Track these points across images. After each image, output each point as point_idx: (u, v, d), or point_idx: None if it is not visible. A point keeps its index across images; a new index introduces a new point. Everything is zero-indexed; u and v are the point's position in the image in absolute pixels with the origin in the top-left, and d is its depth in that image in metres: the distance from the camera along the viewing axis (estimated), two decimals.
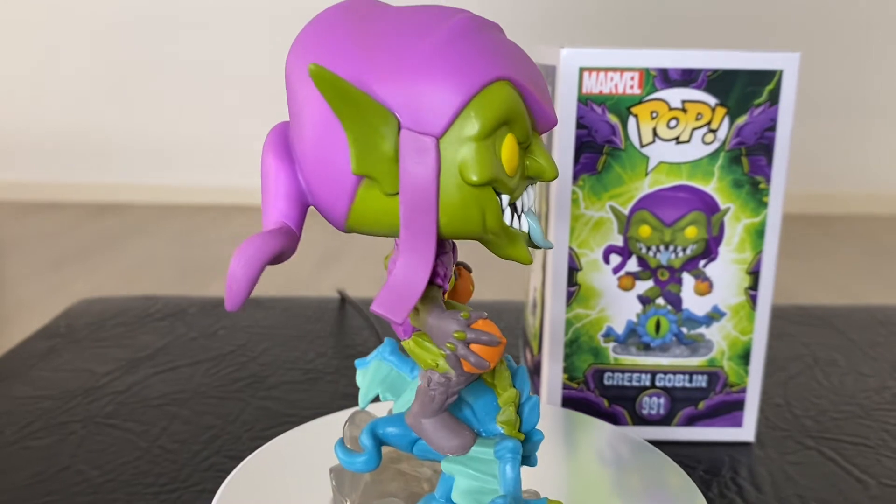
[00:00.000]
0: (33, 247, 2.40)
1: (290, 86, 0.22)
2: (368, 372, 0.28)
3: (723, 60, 0.32)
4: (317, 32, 0.22)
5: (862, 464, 0.35)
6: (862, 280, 2.11)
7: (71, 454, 0.35)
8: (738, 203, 0.34)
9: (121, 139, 3.03)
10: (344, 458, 0.25)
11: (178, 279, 2.06)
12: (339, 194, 0.22)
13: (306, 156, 0.22)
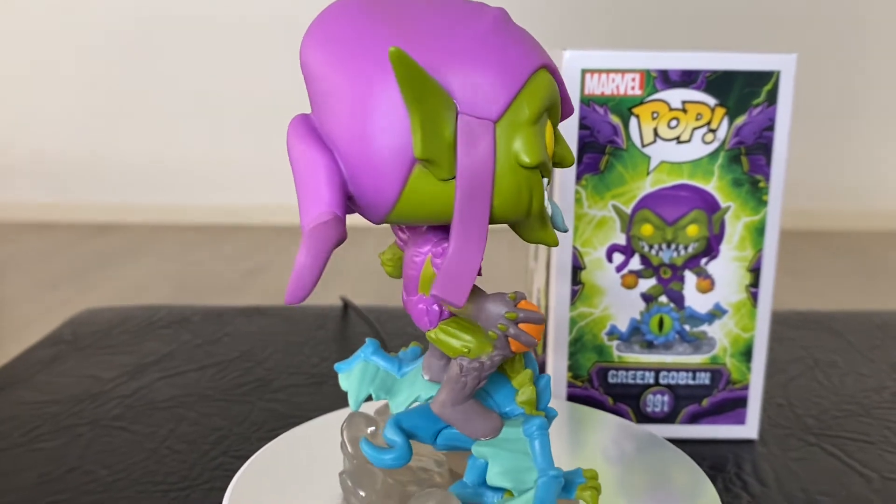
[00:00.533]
0: (29, 266, 2.39)
1: (323, 74, 0.22)
2: (353, 374, 0.28)
3: (721, 62, 0.33)
4: (341, 20, 0.22)
5: (864, 459, 0.35)
6: (858, 294, 2.12)
7: (79, 455, 0.35)
8: (738, 201, 0.34)
9: (116, 160, 3.04)
10: (374, 454, 0.25)
11: (173, 297, 2.06)
12: (390, 181, 0.22)
13: (351, 144, 0.22)
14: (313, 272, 0.21)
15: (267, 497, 0.28)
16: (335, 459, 0.31)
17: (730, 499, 0.32)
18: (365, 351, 0.28)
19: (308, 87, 0.23)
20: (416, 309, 0.25)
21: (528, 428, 0.24)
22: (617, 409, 0.36)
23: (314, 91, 0.23)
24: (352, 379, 0.28)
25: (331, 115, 0.22)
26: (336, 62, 0.22)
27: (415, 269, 0.24)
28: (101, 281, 2.23)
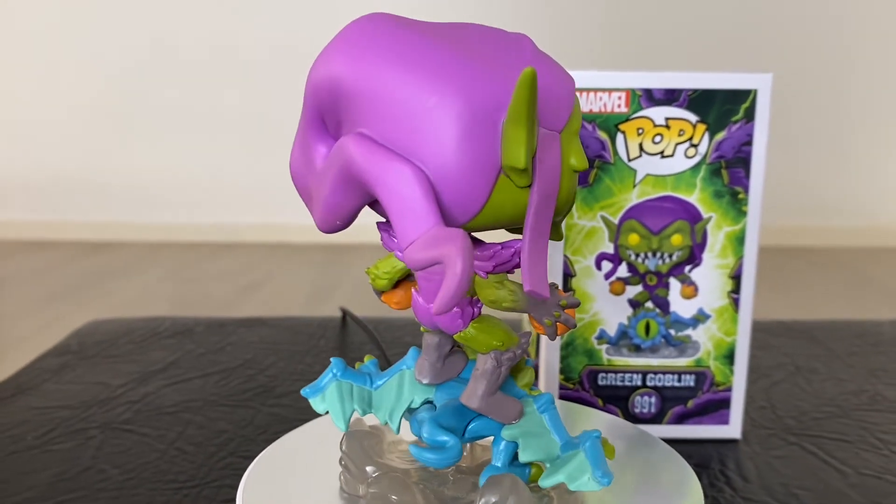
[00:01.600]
0: (26, 284, 2.40)
1: (394, 93, 0.23)
2: (329, 395, 0.28)
3: (702, 81, 0.35)
4: (394, 40, 0.23)
5: (841, 456, 0.37)
6: (843, 307, 2.15)
7: (92, 456, 0.37)
8: (719, 212, 0.36)
9: (112, 178, 3.05)
10: (432, 457, 0.26)
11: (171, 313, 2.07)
12: (480, 191, 0.24)
13: (440, 157, 0.23)
14: (469, 277, 0.21)
15: (279, 488, 0.29)
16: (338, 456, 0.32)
17: (714, 493, 0.34)
18: (335, 370, 0.29)
19: (357, 103, 0.24)
20: (452, 314, 0.26)
21: (542, 405, 0.27)
22: (607, 410, 0.38)
23: (373, 108, 0.23)
24: (329, 400, 0.28)
25: (409, 131, 0.23)
26: (414, 82, 0.23)
27: None
28: (98, 298, 2.24)
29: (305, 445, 0.32)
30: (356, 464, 0.29)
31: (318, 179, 0.26)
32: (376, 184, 0.23)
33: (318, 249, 2.89)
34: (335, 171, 0.24)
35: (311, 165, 0.26)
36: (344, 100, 0.24)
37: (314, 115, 0.26)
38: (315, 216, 0.26)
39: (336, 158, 0.24)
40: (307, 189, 0.27)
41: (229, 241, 3.04)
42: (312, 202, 0.27)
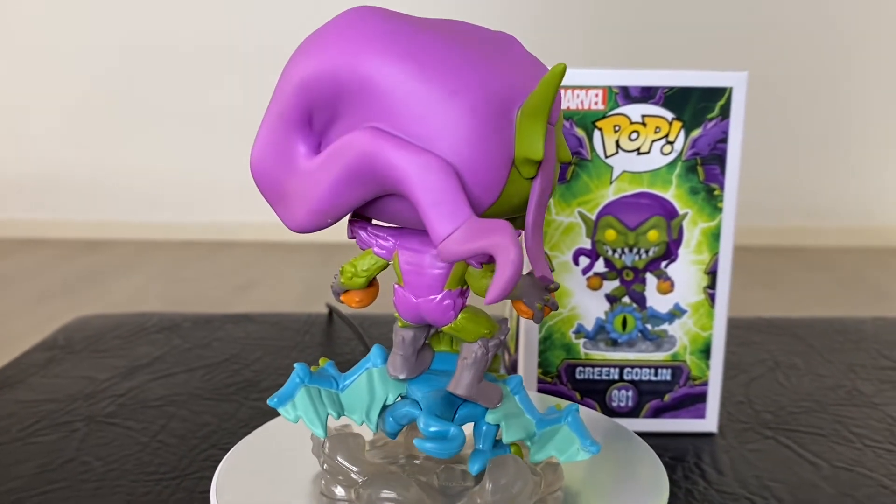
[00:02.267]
0: (20, 282, 2.40)
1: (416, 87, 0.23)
2: (300, 402, 0.28)
3: (678, 79, 0.36)
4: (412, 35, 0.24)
5: (815, 450, 0.38)
6: (835, 308, 2.15)
7: (76, 448, 0.37)
8: (695, 208, 0.37)
9: (106, 177, 3.05)
10: (439, 447, 0.26)
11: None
12: (496, 183, 0.24)
13: (464, 150, 0.23)
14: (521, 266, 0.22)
15: (254, 476, 0.30)
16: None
17: (688, 485, 0.34)
18: (300, 377, 0.28)
19: (367, 98, 0.24)
20: (442, 305, 0.26)
21: (514, 387, 0.29)
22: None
23: (387, 102, 0.23)
24: (301, 406, 0.28)
25: (428, 124, 0.23)
26: (434, 75, 0.23)
27: (440, 267, 0.26)
28: (92, 297, 2.24)
29: (281, 435, 0.33)
30: (346, 466, 0.28)
31: (307, 177, 0.25)
32: (405, 178, 0.23)
33: (311, 249, 2.89)
34: (343, 167, 0.24)
35: (289, 165, 0.26)
36: (347, 95, 0.24)
37: (299, 112, 0.25)
38: (295, 215, 0.26)
39: (345, 154, 0.24)
40: (278, 188, 0.26)
41: (223, 240, 3.05)
42: (289, 201, 0.26)
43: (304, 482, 0.29)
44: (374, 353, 0.29)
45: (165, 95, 2.98)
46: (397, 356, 0.28)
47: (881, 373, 0.48)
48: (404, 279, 0.27)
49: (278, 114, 0.25)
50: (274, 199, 0.27)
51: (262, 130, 0.26)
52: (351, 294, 0.28)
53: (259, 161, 0.26)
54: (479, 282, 0.26)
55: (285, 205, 0.26)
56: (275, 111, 0.25)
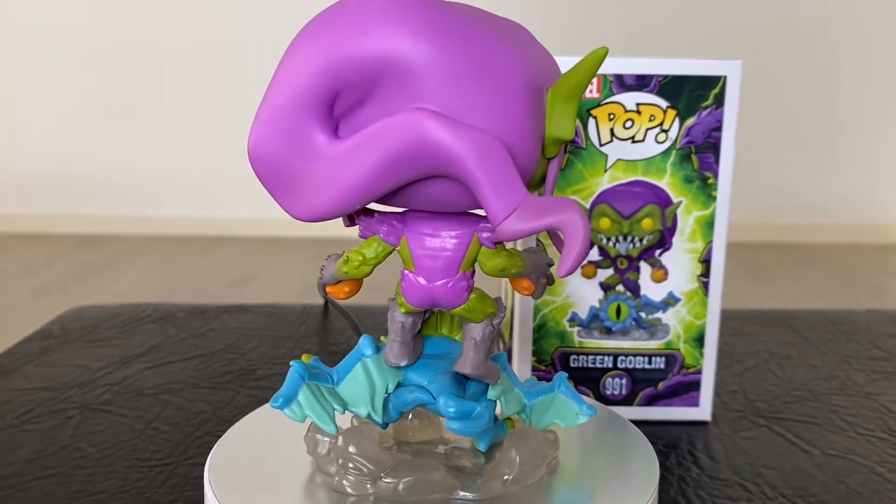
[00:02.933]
0: (16, 278, 2.40)
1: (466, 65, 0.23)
2: (305, 400, 0.27)
3: (672, 67, 0.36)
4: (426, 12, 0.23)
5: (809, 438, 0.38)
6: (830, 303, 2.16)
7: (70, 435, 0.37)
8: (689, 197, 0.37)
9: (102, 173, 3.05)
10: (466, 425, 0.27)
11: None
12: (533, 161, 0.25)
13: (517, 130, 0.24)
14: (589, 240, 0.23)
15: (247, 459, 0.30)
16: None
17: (681, 472, 0.35)
18: (300, 374, 0.27)
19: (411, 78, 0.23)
20: (458, 288, 0.26)
21: (500, 364, 0.29)
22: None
23: (436, 82, 0.23)
24: (307, 405, 0.27)
25: (477, 104, 0.23)
26: (485, 55, 0.23)
27: (455, 250, 0.26)
28: (88, 292, 2.24)
29: (273, 420, 0.33)
30: (368, 460, 0.28)
31: (334, 163, 0.24)
32: (465, 159, 0.23)
33: (308, 244, 2.89)
34: (389, 150, 0.23)
35: (304, 150, 0.24)
36: (389, 76, 0.23)
37: (323, 94, 0.24)
38: (311, 202, 0.25)
39: (394, 136, 0.23)
40: (286, 176, 0.25)
41: (220, 236, 3.04)
42: (301, 189, 0.25)
43: (297, 465, 0.30)
44: (364, 343, 0.28)
45: (162, 91, 2.97)
46: (396, 343, 0.28)
47: (874, 363, 0.48)
48: (416, 264, 0.26)
49: (292, 96, 0.24)
50: (279, 187, 0.25)
51: (267, 114, 0.24)
52: (341, 285, 0.28)
53: (263, 147, 0.25)
54: (493, 260, 0.27)
55: (295, 192, 0.25)
56: (285, 93, 0.24)
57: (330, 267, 0.28)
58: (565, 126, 0.25)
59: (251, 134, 0.25)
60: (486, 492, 0.27)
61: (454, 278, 0.26)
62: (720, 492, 0.33)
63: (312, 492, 0.28)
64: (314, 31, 0.24)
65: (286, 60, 0.24)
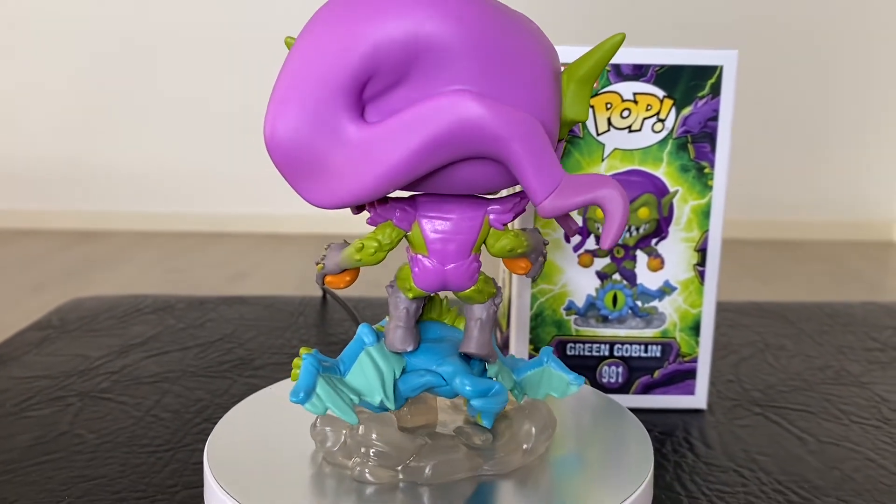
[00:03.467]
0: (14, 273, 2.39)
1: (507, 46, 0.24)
2: (324, 393, 0.27)
3: (669, 57, 0.36)
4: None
5: (803, 426, 0.38)
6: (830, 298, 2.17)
7: (69, 422, 0.37)
8: (685, 186, 0.37)
9: (101, 168, 3.05)
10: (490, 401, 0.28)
11: None
12: (555, 143, 0.26)
13: (548, 112, 0.25)
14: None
15: (245, 441, 0.30)
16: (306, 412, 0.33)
17: (677, 458, 0.35)
18: (315, 367, 0.27)
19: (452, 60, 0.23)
20: (470, 269, 0.27)
21: None
22: None
23: (476, 64, 0.23)
24: (326, 397, 0.26)
25: (514, 86, 0.24)
26: (520, 39, 0.24)
27: (469, 233, 0.27)
28: (86, 287, 2.24)
29: (271, 403, 0.33)
30: (393, 446, 0.27)
31: (368, 147, 0.24)
32: (510, 140, 0.23)
33: (306, 240, 2.89)
34: (431, 133, 0.23)
35: (333, 134, 0.24)
36: (428, 58, 0.23)
37: (355, 77, 0.23)
38: (340, 188, 0.24)
39: (436, 119, 0.23)
40: (312, 162, 0.24)
41: (218, 231, 3.04)
42: (328, 174, 0.24)
43: (294, 447, 0.30)
44: (364, 331, 0.28)
45: (160, 87, 2.97)
46: (400, 329, 0.28)
47: (869, 354, 0.48)
48: (430, 248, 0.27)
49: (320, 80, 0.23)
50: (300, 175, 0.24)
51: (289, 99, 0.24)
52: (343, 275, 0.28)
53: (285, 133, 0.24)
54: (500, 242, 0.27)
55: (317, 179, 0.24)
56: (311, 77, 0.23)
57: (334, 256, 0.28)
58: (581, 108, 0.26)
59: (270, 121, 0.24)
60: (507, 465, 0.28)
61: (467, 260, 0.27)
62: (715, 477, 0.33)
63: (310, 473, 0.28)
64: (344, 14, 0.23)
65: (309, 44, 0.24)
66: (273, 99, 0.24)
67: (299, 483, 0.27)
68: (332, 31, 0.23)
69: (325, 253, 0.28)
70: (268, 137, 0.24)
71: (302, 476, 0.28)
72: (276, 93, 0.24)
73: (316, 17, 0.24)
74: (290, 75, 0.24)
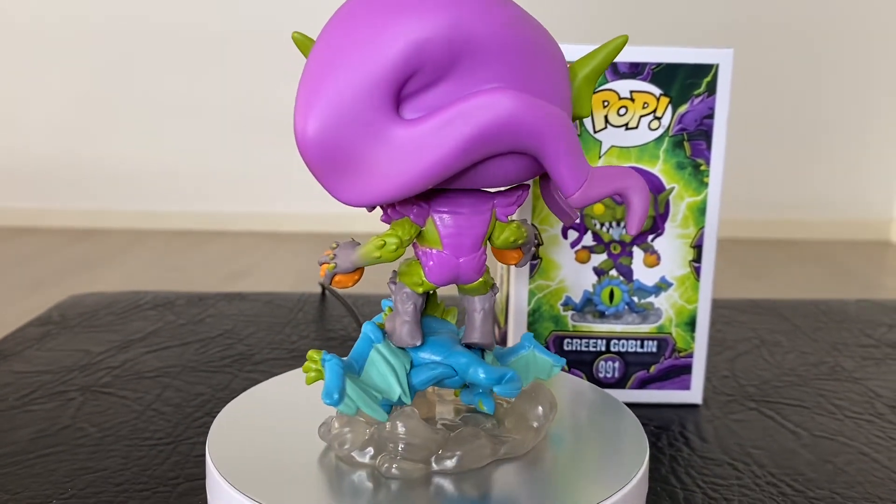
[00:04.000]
0: (11, 271, 2.39)
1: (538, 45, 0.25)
2: (352, 395, 0.27)
3: (666, 55, 0.36)
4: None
5: (797, 420, 0.39)
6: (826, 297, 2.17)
7: (71, 416, 0.38)
8: (681, 183, 0.38)
9: (98, 166, 3.05)
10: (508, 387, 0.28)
11: None
12: None
13: (569, 107, 0.26)
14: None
15: (247, 431, 0.30)
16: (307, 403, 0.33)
17: (672, 452, 0.35)
18: (340, 367, 0.27)
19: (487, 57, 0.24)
20: (480, 261, 0.28)
21: None
22: (572, 374, 0.39)
23: (509, 61, 0.24)
24: (356, 397, 0.26)
25: (550, 84, 0.25)
26: (543, 37, 0.25)
27: (481, 226, 0.27)
28: (84, 285, 2.24)
29: (271, 395, 0.34)
30: (421, 439, 0.28)
31: (410, 144, 0.24)
32: (549, 135, 0.24)
33: (304, 238, 2.90)
34: (474, 129, 0.23)
35: (372, 132, 0.23)
36: (469, 56, 0.23)
37: (398, 78, 0.23)
38: (378, 185, 0.24)
39: (479, 115, 0.23)
40: (349, 159, 0.24)
41: (215, 230, 3.04)
42: (364, 172, 0.24)
43: (294, 439, 0.30)
44: (370, 329, 0.28)
45: (159, 85, 2.97)
46: (408, 325, 0.28)
47: (863, 350, 0.49)
48: (444, 242, 0.27)
49: (362, 78, 0.23)
50: (336, 172, 0.24)
51: (323, 95, 0.23)
52: (352, 273, 0.28)
53: (323, 129, 0.23)
54: (504, 233, 0.28)
55: (352, 177, 0.24)
56: (351, 75, 0.23)
57: (348, 254, 0.27)
58: (585, 105, 0.27)
59: (301, 118, 0.23)
60: (525, 446, 0.29)
61: (479, 253, 0.28)
62: (710, 471, 0.34)
63: (313, 463, 0.28)
64: (382, 9, 0.23)
65: (342, 38, 0.23)
66: (303, 95, 0.24)
67: (301, 472, 0.28)
68: (369, 26, 0.23)
69: (331, 252, 0.28)
70: (300, 135, 0.24)
71: (303, 466, 0.28)
72: (306, 89, 0.24)
73: (347, 10, 0.24)
74: (322, 70, 0.23)
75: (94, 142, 3.02)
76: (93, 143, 3.02)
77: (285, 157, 3.01)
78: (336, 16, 0.25)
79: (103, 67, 2.95)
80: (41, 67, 2.96)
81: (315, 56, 0.24)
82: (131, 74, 2.96)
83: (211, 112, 2.99)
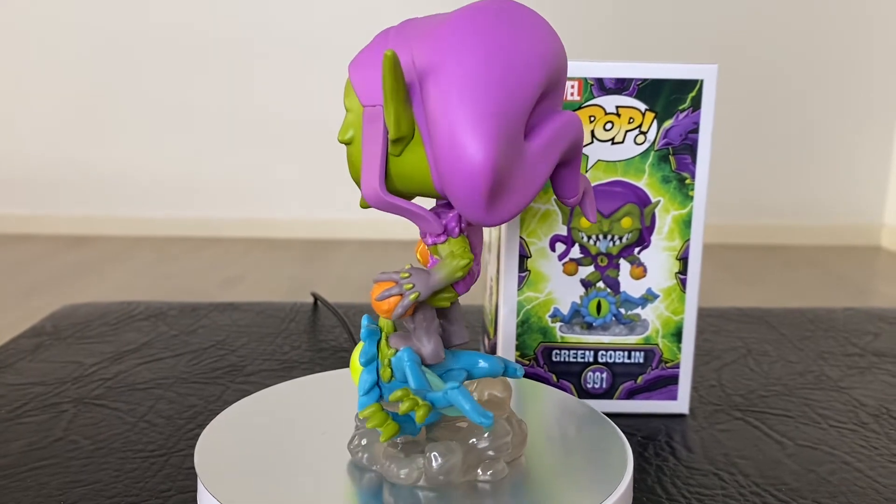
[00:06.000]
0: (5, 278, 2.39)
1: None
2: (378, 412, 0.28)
3: (651, 71, 0.37)
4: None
5: (782, 430, 0.39)
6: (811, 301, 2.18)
7: (64, 428, 0.38)
8: (667, 196, 0.38)
9: (92, 173, 3.04)
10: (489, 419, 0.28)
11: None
12: None
13: None
14: None
15: (233, 444, 0.31)
16: (296, 417, 0.34)
17: (658, 462, 0.36)
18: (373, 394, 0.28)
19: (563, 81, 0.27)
20: (472, 277, 0.29)
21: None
22: (560, 385, 0.40)
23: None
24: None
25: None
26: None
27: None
28: (77, 292, 2.24)
29: (258, 408, 0.34)
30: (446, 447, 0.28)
31: (532, 163, 0.25)
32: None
33: (297, 245, 2.90)
34: (563, 146, 0.27)
35: (518, 154, 0.24)
36: (563, 77, 0.27)
37: (536, 99, 0.25)
38: (506, 206, 0.25)
39: (568, 132, 0.27)
40: (502, 184, 0.24)
41: (209, 236, 3.04)
42: (506, 194, 0.25)
43: (281, 450, 0.31)
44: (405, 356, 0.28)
45: (151, 91, 2.97)
46: (432, 343, 0.28)
47: (848, 359, 0.49)
48: (475, 253, 0.29)
49: (518, 100, 0.24)
50: (494, 196, 0.24)
51: (491, 121, 0.23)
52: None
53: (497, 159, 0.23)
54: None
55: (499, 199, 0.24)
56: (507, 98, 0.23)
57: (425, 280, 0.27)
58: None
59: (483, 148, 0.23)
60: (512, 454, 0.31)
61: (479, 264, 0.29)
62: (696, 481, 0.34)
63: (299, 473, 0.29)
64: (516, 36, 0.24)
65: (487, 63, 0.23)
66: (468, 123, 0.23)
67: (287, 485, 0.28)
68: (519, 52, 0.24)
69: (410, 283, 0.27)
70: (482, 167, 0.23)
71: (288, 477, 0.29)
72: (470, 115, 0.23)
73: (478, 25, 0.24)
74: (476, 99, 0.23)
75: (88, 148, 3.02)
76: (86, 149, 3.02)
77: (277, 163, 3.02)
78: (468, 29, 0.24)
79: (96, 76, 2.95)
80: (33, 76, 2.96)
81: (467, 73, 0.23)
82: (124, 82, 2.96)
83: (206, 119, 3.00)
